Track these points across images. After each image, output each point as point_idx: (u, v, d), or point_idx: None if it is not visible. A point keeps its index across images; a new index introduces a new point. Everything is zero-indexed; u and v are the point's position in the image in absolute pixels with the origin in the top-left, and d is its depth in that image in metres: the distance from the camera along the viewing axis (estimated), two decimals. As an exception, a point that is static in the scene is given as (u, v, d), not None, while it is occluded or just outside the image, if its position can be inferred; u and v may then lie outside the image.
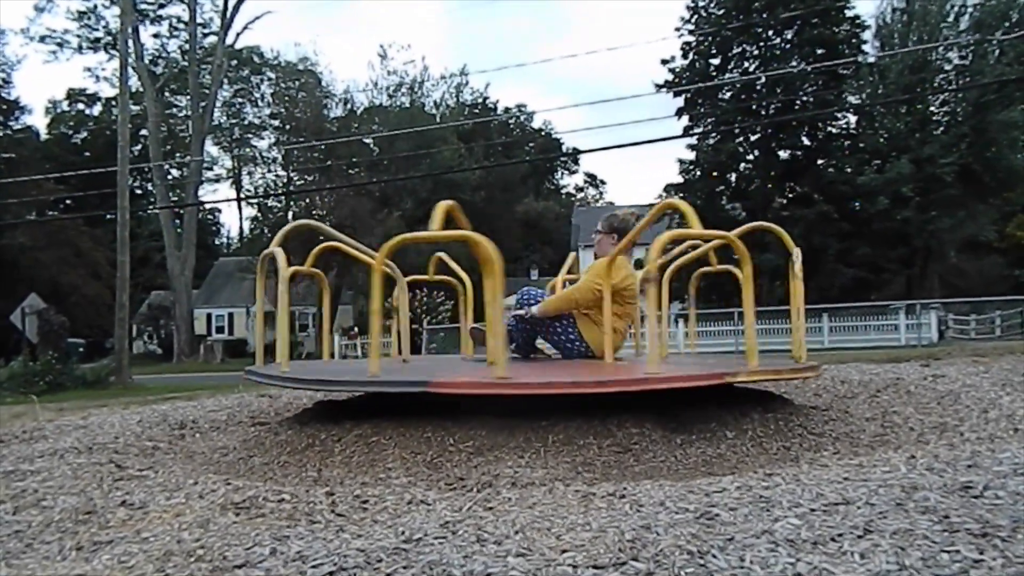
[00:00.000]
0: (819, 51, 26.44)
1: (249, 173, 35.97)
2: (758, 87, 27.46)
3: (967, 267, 29.10)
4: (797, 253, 3.49)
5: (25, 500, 2.24)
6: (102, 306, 30.13)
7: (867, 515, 1.59)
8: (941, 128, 25.65)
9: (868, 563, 1.35)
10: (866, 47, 27.39)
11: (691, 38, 28.30)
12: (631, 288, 3.82)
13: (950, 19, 25.57)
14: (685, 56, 28.65)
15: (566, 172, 55.86)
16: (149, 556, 1.63)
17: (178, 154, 36.95)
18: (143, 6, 32.18)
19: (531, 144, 48.65)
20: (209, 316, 39.88)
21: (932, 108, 26.32)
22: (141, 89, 31.28)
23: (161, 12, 33.74)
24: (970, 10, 25.29)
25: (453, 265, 5.10)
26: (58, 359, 14.58)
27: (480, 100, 44.39)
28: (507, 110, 48.48)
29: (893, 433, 3.07)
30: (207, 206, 45.47)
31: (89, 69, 52.41)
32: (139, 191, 41.99)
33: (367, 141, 31.88)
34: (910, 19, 25.93)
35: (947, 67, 26.11)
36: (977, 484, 1.76)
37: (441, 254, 5.08)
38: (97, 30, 33.24)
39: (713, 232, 3.38)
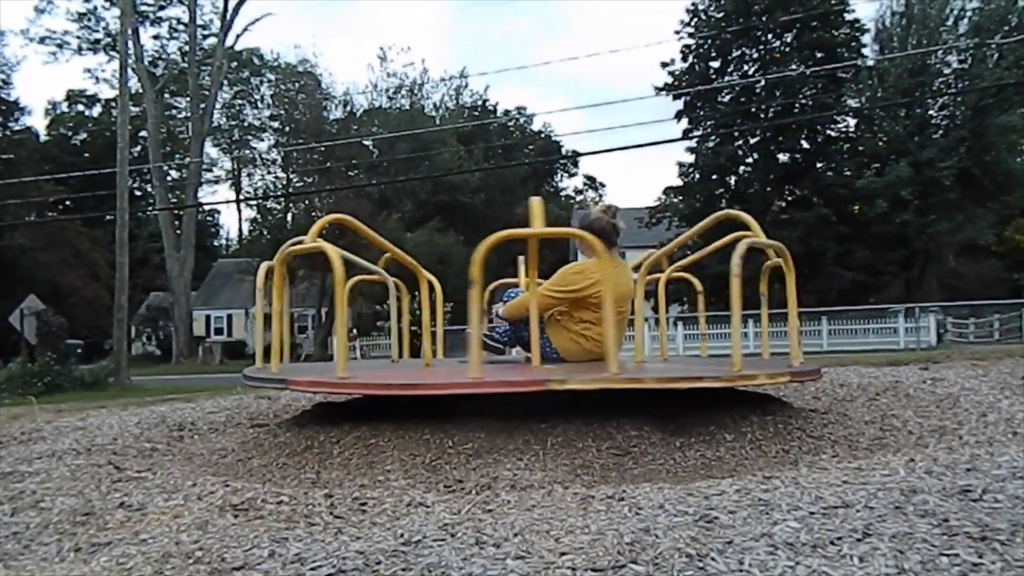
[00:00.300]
0: (818, 54, 26.48)
1: (248, 175, 35.96)
2: (757, 90, 27.49)
3: (965, 270, 29.10)
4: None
5: (23, 501, 2.24)
6: (101, 307, 30.09)
7: (866, 518, 1.59)
8: (940, 132, 25.68)
9: (867, 566, 1.35)
10: (865, 51, 27.45)
11: (691, 41, 28.32)
12: (598, 296, 3.39)
13: (949, 23, 25.62)
14: (685, 59, 28.67)
15: (566, 174, 55.84)
16: (147, 558, 1.63)
17: (177, 155, 36.95)
18: (143, 7, 32.20)
19: (531, 146, 48.62)
20: (208, 317, 39.84)
21: (931, 112, 26.35)
22: (141, 90, 31.29)
23: (161, 14, 33.80)
24: (969, 14, 25.34)
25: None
26: (56, 360, 14.56)
27: (480, 102, 44.44)
28: (507, 112, 48.49)
29: (892, 436, 3.07)
30: (206, 207, 45.51)
31: (89, 70, 52.68)
32: (138, 192, 41.96)
33: (367, 143, 31.88)
34: (909, 23, 25.97)
35: (946, 71, 26.15)
36: (976, 488, 1.76)
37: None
38: (97, 31, 33.29)
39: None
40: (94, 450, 3.31)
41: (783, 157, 28.36)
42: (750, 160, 28.54)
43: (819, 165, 27.80)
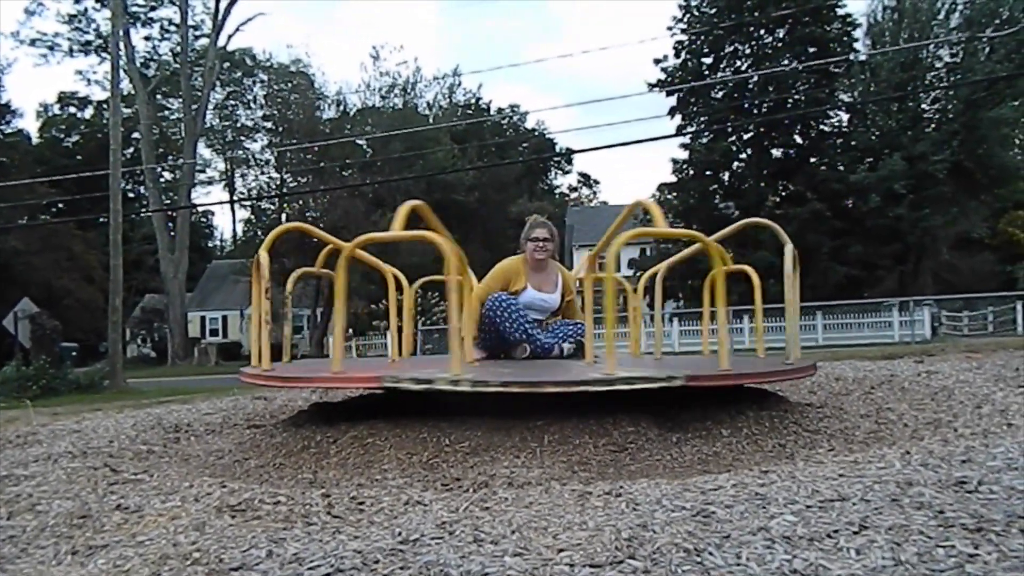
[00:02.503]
0: (811, 49, 26.51)
1: (242, 175, 35.83)
2: (750, 86, 27.52)
3: (959, 264, 29.21)
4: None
5: (19, 505, 2.23)
6: (95, 310, 30.05)
7: (863, 511, 1.60)
8: (933, 125, 25.76)
9: (864, 559, 1.35)
10: (857, 45, 27.54)
11: (683, 37, 28.34)
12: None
13: (940, 17, 25.70)
14: (677, 55, 28.70)
15: (560, 172, 55.88)
16: (145, 560, 1.63)
17: (170, 157, 36.83)
18: (134, 9, 32.07)
19: (524, 144, 48.59)
20: (203, 319, 39.78)
21: (924, 106, 26.43)
22: (133, 92, 31.16)
23: (152, 15, 33.68)
24: (960, 8, 25.43)
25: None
26: (51, 363, 14.51)
27: (473, 101, 44.35)
28: (500, 110, 48.45)
29: (887, 429, 3.08)
30: (200, 209, 45.38)
31: (80, 72, 52.41)
32: (132, 194, 41.84)
33: (360, 142, 31.81)
34: (901, 17, 26.04)
35: (938, 65, 26.24)
36: (972, 479, 1.76)
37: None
38: (88, 33, 33.13)
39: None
40: (90, 453, 3.30)
41: (777, 152, 28.40)
42: (744, 156, 28.58)
43: (812, 160, 27.85)
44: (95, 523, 1.97)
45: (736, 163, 28.72)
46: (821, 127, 28.17)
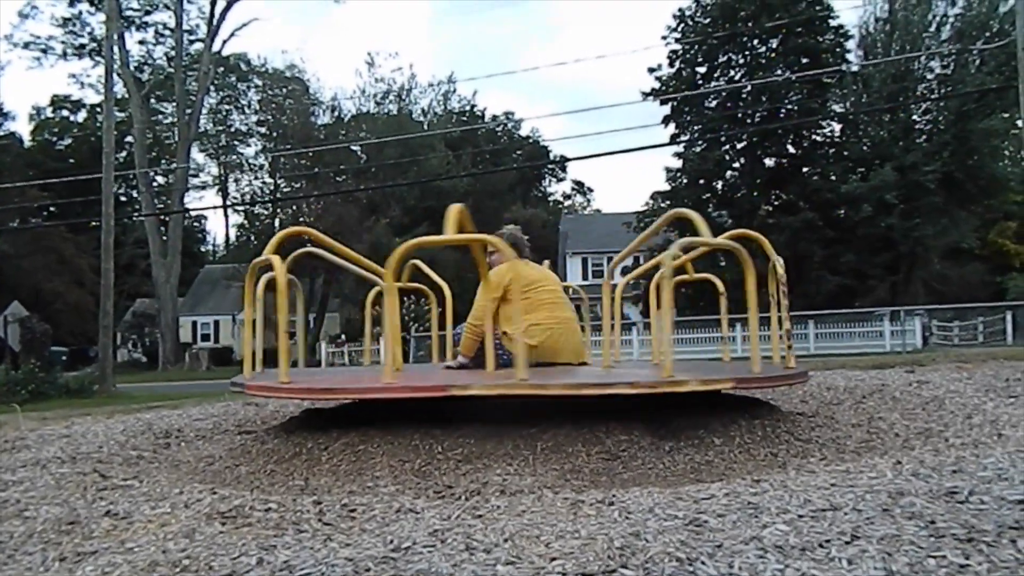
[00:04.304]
0: (804, 60, 26.67)
1: (236, 180, 35.83)
2: (744, 95, 27.65)
3: (950, 274, 29.36)
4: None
5: (7, 511, 2.22)
6: (86, 314, 29.86)
7: (854, 521, 1.60)
8: (924, 136, 25.94)
9: (856, 569, 1.36)
10: (850, 56, 27.69)
11: (677, 46, 28.45)
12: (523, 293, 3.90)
13: (932, 29, 25.90)
14: (671, 64, 28.81)
15: (553, 180, 55.95)
16: (134, 567, 1.61)
17: (164, 161, 36.72)
18: (129, 12, 32.02)
19: (519, 151, 48.66)
20: (195, 324, 39.59)
21: (915, 116, 26.61)
22: (126, 96, 31.08)
23: (147, 19, 33.64)
24: (951, 20, 25.64)
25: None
26: (41, 367, 14.41)
27: (468, 107, 44.46)
28: (495, 117, 48.54)
29: (879, 439, 3.09)
30: (193, 213, 45.25)
31: (74, 75, 52.05)
32: (124, 198, 41.62)
33: (354, 148, 31.82)
34: (893, 29, 26.23)
35: (929, 76, 26.43)
36: (962, 489, 1.77)
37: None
38: (82, 36, 33.08)
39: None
40: (79, 458, 3.28)
41: (769, 162, 28.54)
42: (737, 165, 28.70)
43: (805, 170, 27.99)
44: (84, 529, 1.96)
45: (729, 172, 28.84)
46: (814, 137, 28.32)
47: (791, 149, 28.27)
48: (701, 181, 28.71)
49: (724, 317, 4.53)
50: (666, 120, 28.70)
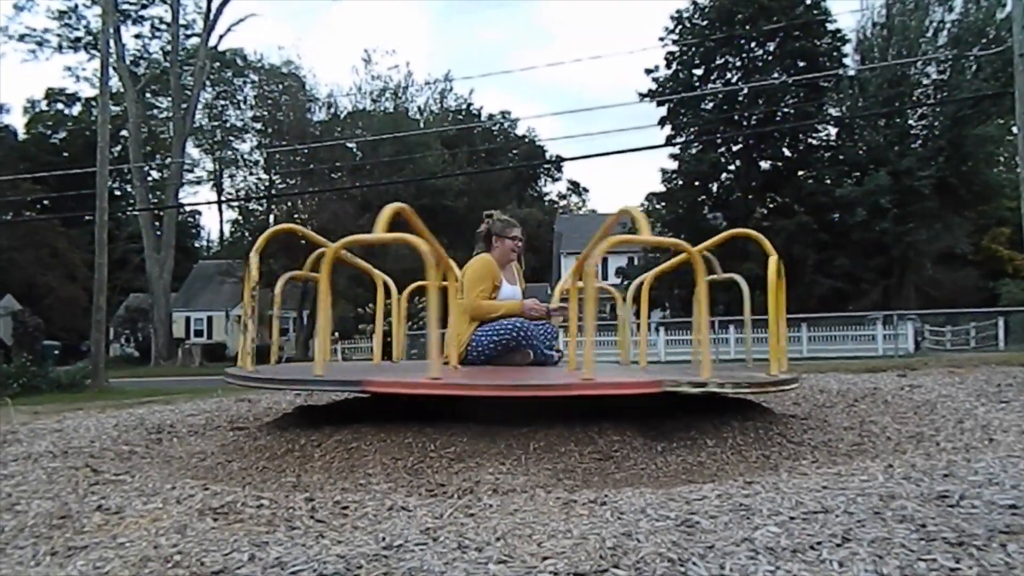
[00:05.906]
0: (800, 63, 26.77)
1: (231, 176, 35.67)
2: (740, 98, 27.71)
3: (943, 279, 29.48)
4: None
5: (-2, 505, 2.20)
6: (78, 308, 29.77)
7: (845, 523, 1.61)
8: (919, 141, 26.04)
9: (846, 571, 1.36)
10: (847, 60, 27.80)
11: (675, 48, 28.52)
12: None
13: (928, 34, 25.98)
14: (668, 66, 28.87)
15: (549, 179, 56.04)
16: (125, 562, 1.61)
17: (158, 156, 36.61)
18: (125, 6, 31.90)
19: (515, 151, 48.69)
20: (188, 319, 39.49)
21: (910, 122, 26.71)
22: (122, 90, 30.94)
23: (143, 12, 33.48)
24: (948, 26, 25.73)
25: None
26: (33, 361, 14.36)
27: (464, 106, 44.46)
28: (491, 117, 48.54)
29: (871, 442, 3.10)
30: (187, 208, 45.07)
31: (69, 68, 52.06)
32: (118, 192, 41.49)
33: (350, 145, 31.75)
34: (890, 33, 26.31)
35: (925, 81, 26.52)
36: (953, 493, 1.78)
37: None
38: (78, 29, 32.91)
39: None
40: (71, 452, 3.26)
41: (765, 165, 28.61)
42: (732, 167, 28.77)
43: (800, 173, 28.08)
44: (75, 524, 1.95)
45: (725, 174, 28.90)
46: (809, 140, 28.42)
47: (787, 152, 28.36)
48: (696, 183, 28.77)
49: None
50: (662, 121, 28.77)
